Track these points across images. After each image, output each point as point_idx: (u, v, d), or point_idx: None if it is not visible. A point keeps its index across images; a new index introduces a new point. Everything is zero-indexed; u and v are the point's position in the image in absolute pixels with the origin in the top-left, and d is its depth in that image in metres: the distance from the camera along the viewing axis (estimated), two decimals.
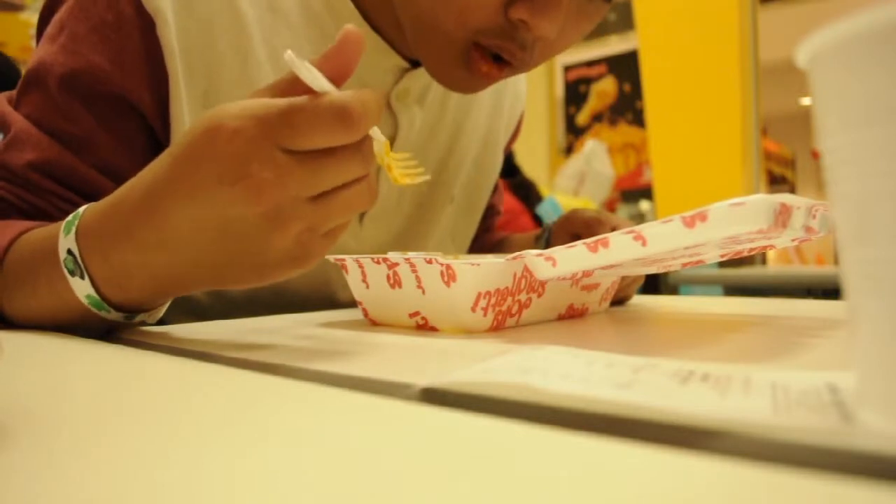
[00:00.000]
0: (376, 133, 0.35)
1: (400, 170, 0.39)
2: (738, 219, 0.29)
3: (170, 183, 0.31)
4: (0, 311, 0.41)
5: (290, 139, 0.28)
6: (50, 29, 0.48)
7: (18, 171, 0.45)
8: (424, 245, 0.65)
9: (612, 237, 0.33)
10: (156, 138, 0.49)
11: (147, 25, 0.45)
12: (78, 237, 0.34)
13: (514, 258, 0.37)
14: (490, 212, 0.77)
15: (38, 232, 0.40)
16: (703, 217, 0.29)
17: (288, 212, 0.30)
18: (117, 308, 0.36)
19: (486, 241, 0.77)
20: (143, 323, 0.40)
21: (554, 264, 0.35)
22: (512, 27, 0.45)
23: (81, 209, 0.35)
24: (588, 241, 0.34)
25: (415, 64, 0.56)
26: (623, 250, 0.32)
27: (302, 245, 0.31)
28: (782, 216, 0.30)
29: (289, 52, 0.29)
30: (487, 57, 0.47)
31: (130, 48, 0.45)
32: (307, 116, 0.28)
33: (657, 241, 0.31)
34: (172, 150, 0.32)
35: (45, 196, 0.46)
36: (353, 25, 0.31)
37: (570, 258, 0.35)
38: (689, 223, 0.30)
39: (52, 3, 0.49)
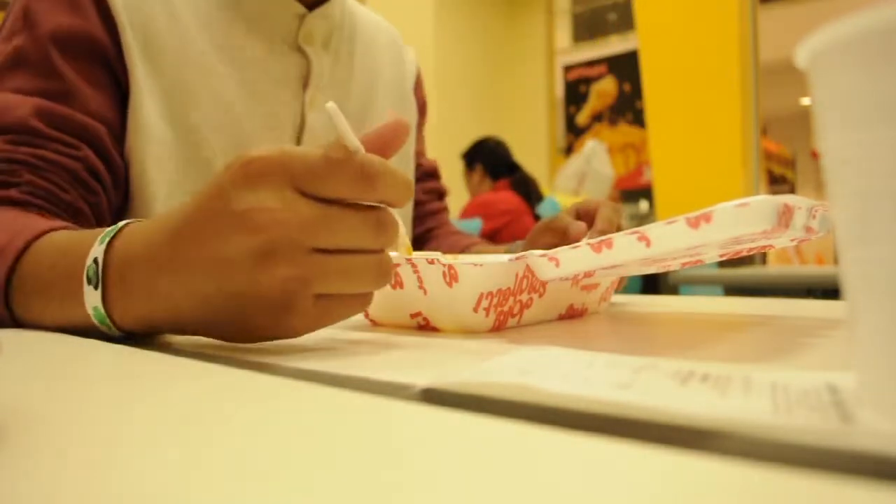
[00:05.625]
0: (401, 233, 0.38)
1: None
2: (742, 220, 0.29)
3: (197, 209, 0.31)
4: (10, 311, 0.41)
5: (305, 181, 0.29)
6: (10, 24, 0.55)
7: (21, 126, 0.50)
8: None
9: (616, 238, 0.32)
10: (119, 85, 0.57)
11: None
12: (109, 249, 0.34)
13: (517, 258, 0.37)
14: (437, 194, 0.87)
15: (62, 237, 0.41)
16: (707, 218, 0.29)
17: (280, 252, 0.29)
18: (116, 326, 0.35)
19: (454, 242, 0.82)
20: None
21: (557, 265, 0.35)
22: None
23: (121, 224, 0.35)
24: (592, 241, 0.34)
25: (311, 8, 0.66)
26: (627, 251, 0.32)
27: (287, 294, 0.29)
28: (785, 217, 0.30)
29: (331, 103, 0.30)
30: None
31: (85, 4, 0.55)
32: (329, 165, 0.29)
33: (661, 241, 0.31)
34: (205, 186, 0.32)
35: (53, 144, 0.51)
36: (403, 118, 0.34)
37: (574, 259, 0.34)
38: (694, 224, 0.30)
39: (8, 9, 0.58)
